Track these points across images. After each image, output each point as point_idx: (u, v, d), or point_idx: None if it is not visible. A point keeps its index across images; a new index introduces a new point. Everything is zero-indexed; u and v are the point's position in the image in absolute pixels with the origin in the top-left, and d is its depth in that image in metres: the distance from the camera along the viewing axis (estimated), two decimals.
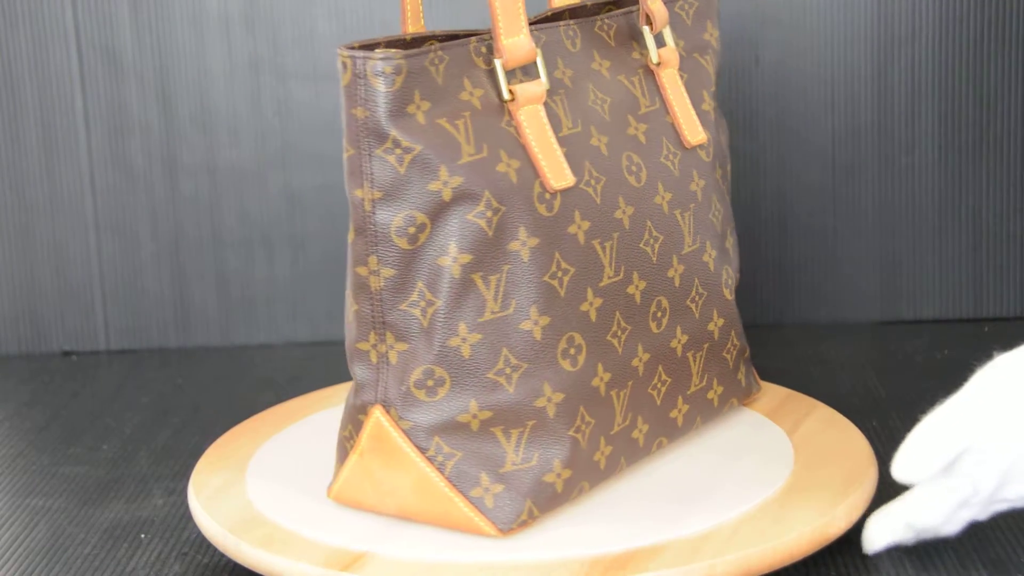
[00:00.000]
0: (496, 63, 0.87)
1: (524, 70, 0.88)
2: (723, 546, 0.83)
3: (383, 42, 0.85)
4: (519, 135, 0.87)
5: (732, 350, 0.99)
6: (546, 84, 0.88)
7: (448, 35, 0.88)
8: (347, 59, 0.83)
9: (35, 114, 1.31)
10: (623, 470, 0.92)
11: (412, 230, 0.84)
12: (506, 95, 0.87)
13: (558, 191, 0.87)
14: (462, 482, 0.86)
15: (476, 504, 0.85)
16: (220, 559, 0.93)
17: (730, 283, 0.99)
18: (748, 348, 1.02)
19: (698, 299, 0.96)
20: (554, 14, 0.95)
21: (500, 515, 0.85)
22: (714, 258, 0.97)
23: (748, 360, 1.02)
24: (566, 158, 0.88)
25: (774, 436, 0.98)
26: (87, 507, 1.02)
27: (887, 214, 1.30)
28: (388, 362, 0.86)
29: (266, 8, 1.29)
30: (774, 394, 1.06)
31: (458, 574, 0.82)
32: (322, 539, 0.86)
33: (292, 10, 1.29)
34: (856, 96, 1.28)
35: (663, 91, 0.96)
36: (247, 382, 1.25)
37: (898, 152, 1.29)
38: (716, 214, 0.98)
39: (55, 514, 1.01)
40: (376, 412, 0.87)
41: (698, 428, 0.98)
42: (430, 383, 0.85)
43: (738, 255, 1.02)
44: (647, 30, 0.96)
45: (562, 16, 0.95)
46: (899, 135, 1.29)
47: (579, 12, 0.96)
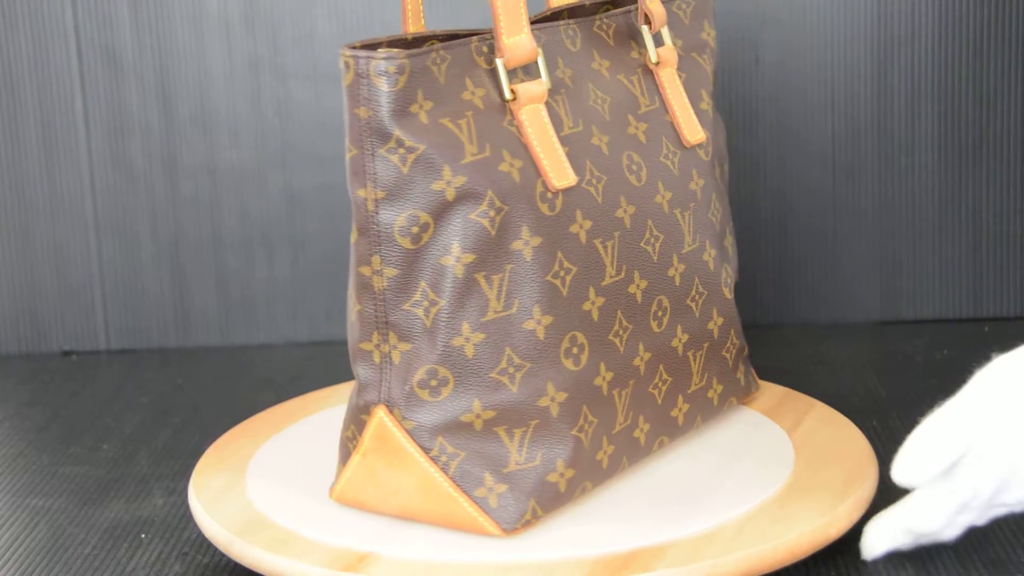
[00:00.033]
0: (498, 62, 0.87)
1: (525, 70, 0.88)
2: (725, 546, 0.83)
3: (385, 42, 0.85)
4: (521, 134, 0.86)
5: (731, 349, 0.99)
6: (547, 83, 0.88)
7: (449, 35, 0.87)
8: (350, 59, 0.83)
9: (35, 114, 1.31)
10: (625, 469, 0.92)
11: (415, 230, 0.84)
12: (508, 94, 0.87)
13: (560, 190, 0.87)
14: (466, 482, 0.85)
15: (480, 504, 0.85)
16: (220, 559, 0.92)
17: (729, 282, 0.99)
18: (747, 347, 1.02)
19: (698, 298, 0.96)
20: (553, 14, 0.95)
21: (504, 515, 0.85)
22: (714, 257, 0.97)
23: (747, 359, 1.02)
24: (568, 157, 0.88)
25: (774, 435, 0.98)
26: (87, 507, 1.02)
27: (887, 214, 1.30)
28: (391, 362, 0.86)
29: (266, 8, 1.29)
30: (772, 392, 1.06)
31: (462, 574, 0.82)
32: (325, 540, 0.86)
33: (292, 10, 1.29)
34: (856, 97, 1.28)
35: (662, 90, 0.96)
36: (247, 382, 1.25)
37: (898, 152, 1.29)
38: (715, 213, 0.98)
39: (55, 514, 1.01)
40: (379, 412, 0.86)
41: (698, 427, 0.98)
42: (433, 383, 0.85)
43: (736, 254, 1.02)
44: (646, 29, 0.96)
45: (561, 16, 0.95)
46: (899, 136, 1.29)
47: (578, 12, 0.96)
